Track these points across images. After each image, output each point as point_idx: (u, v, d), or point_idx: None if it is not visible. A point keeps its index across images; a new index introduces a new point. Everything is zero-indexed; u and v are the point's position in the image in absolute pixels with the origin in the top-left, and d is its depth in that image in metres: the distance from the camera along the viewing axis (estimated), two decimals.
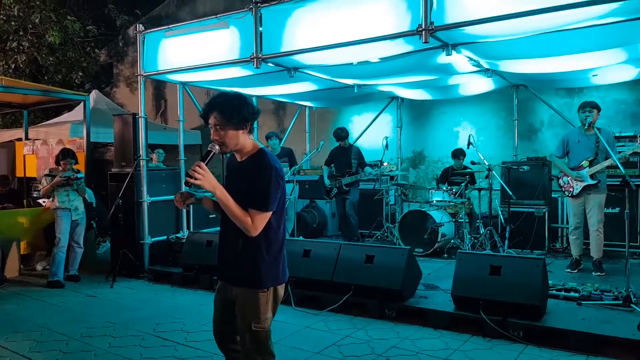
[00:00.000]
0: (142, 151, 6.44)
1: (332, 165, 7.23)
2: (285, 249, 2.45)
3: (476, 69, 5.74)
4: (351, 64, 5.47)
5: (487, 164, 6.29)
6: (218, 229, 2.53)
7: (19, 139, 9.67)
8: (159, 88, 13.08)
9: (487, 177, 6.39)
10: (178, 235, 6.80)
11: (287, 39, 5.00)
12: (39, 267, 6.82)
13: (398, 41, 4.53)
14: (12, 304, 5.28)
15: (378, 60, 5.32)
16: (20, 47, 11.98)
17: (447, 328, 4.14)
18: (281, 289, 2.42)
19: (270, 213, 2.27)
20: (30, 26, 11.99)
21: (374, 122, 9.15)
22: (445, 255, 6.46)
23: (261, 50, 5.12)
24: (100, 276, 6.30)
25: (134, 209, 6.37)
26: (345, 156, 7.08)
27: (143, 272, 6.33)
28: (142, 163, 6.42)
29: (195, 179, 2.15)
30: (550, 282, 4.52)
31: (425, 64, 5.45)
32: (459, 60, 5.31)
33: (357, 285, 4.62)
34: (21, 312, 4.98)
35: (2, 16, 11.80)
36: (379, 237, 7.28)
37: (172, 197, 6.79)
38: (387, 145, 7.52)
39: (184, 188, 2.39)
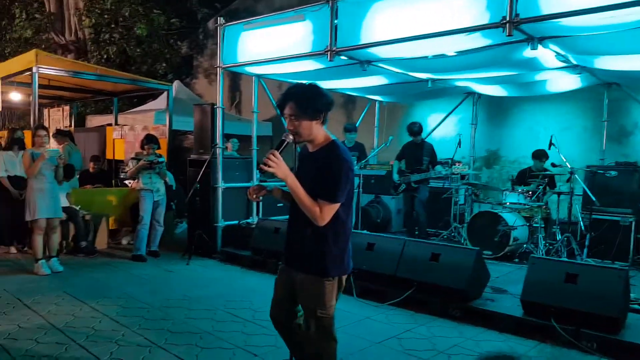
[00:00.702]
0: (219, 140, 6.79)
1: (403, 160, 7.18)
2: (350, 241, 2.51)
3: (563, 64, 5.44)
4: (426, 57, 5.40)
5: (569, 166, 5.99)
6: (286, 217, 2.63)
7: (109, 124, 10.48)
8: (235, 80, 13.56)
9: (568, 180, 6.08)
10: (248, 220, 7.10)
11: (361, 32, 5.02)
12: (124, 241, 7.42)
13: (477, 34, 4.40)
14: (101, 272, 5.80)
15: (454, 54, 5.20)
16: (112, 39, 12.89)
17: (514, 333, 4.03)
18: (344, 279, 2.50)
19: (339, 205, 2.32)
20: (121, 19, 12.86)
21: (447, 119, 8.98)
22: (517, 260, 6.23)
23: (335, 43, 5.18)
24: (177, 253, 6.75)
25: (210, 194, 6.74)
26: (416, 152, 6.97)
27: (215, 252, 6.68)
28: (219, 151, 6.77)
29: (269, 166, 2.22)
30: (632, 295, 4.28)
31: (506, 59, 5.23)
32: (545, 55, 5.04)
33: (421, 282, 4.62)
34: (109, 280, 5.47)
35: (97, 10, 12.76)
36: (445, 236, 7.18)
37: (244, 184, 7.20)
38: (460, 143, 7.37)
39: (255, 178, 2.52)
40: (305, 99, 2.32)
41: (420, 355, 3.60)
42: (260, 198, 2.52)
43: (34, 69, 6.96)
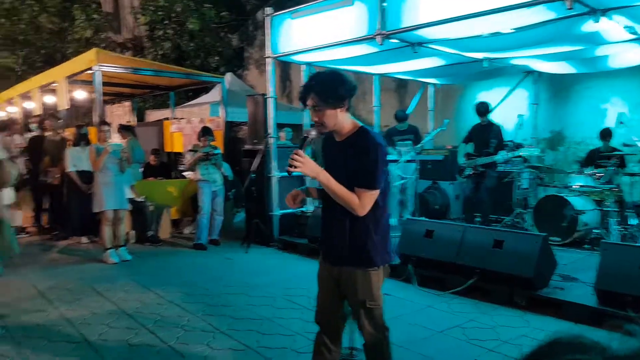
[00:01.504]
0: (272, 129, 6.84)
1: (471, 143, 6.89)
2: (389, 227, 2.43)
3: (632, 36, 5.05)
4: (481, 36, 5.19)
5: None
6: None
7: (167, 118, 10.83)
8: (285, 69, 13.61)
9: None
10: (303, 209, 7.14)
11: (411, 14, 4.87)
12: (186, 231, 7.69)
13: (535, 9, 4.17)
14: (166, 261, 6.05)
15: (512, 30, 4.96)
16: (166, 35, 13.27)
17: (586, 323, 3.80)
18: (388, 266, 2.42)
19: (378, 191, 2.22)
20: (174, 15, 13.21)
21: (506, 99, 8.60)
22: (587, 246, 5.90)
23: (385, 26, 5.06)
24: (236, 242, 6.90)
25: (265, 183, 6.83)
26: (484, 134, 6.63)
27: (273, 241, 6.78)
28: (272, 141, 6.83)
29: (295, 167, 2.15)
30: None
31: (567, 33, 4.94)
32: (610, 27, 4.71)
33: (483, 270, 4.46)
34: (173, 268, 5.69)
35: (151, 7, 13.17)
36: (508, 222, 6.90)
37: (298, 173, 7.15)
38: (521, 125, 7.04)
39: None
40: (325, 88, 2.22)
41: (485, 345, 3.49)
42: (300, 205, 2.49)
43: (95, 67, 7.27)
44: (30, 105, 9.74)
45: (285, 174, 2.34)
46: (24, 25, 14.43)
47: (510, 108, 8.40)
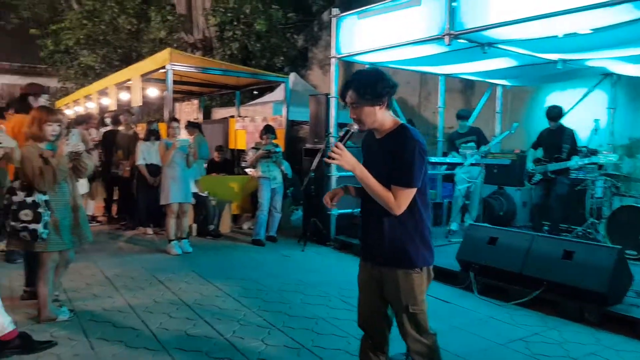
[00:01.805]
0: (333, 129, 6.84)
1: (540, 149, 6.60)
2: (431, 229, 2.34)
3: None
4: (556, 36, 4.92)
5: None
6: None
7: (232, 116, 11.14)
8: (349, 69, 13.56)
9: None
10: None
11: (482, 13, 4.71)
12: (245, 226, 7.86)
13: (619, 8, 3.89)
14: (225, 254, 6.21)
15: (590, 31, 4.67)
16: (234, 36, 13.64)
17: None
18: (432, 270, 2.33)
19: (415, 190, 2.17)
20: (242, 16, 13.55)
21: (580, 102, 8.10)
22: None
23: (454, 26, 4.94)
24: (293, 239, 6.96)
25: (324, 182, 6.84)
26: (554, 139, 6.31)
27: (329, 240, 6.78)
28: (332, 140, 6.82)
29: (333, 158, 2.13)
30: None
31: None
32: None
33: (551, 282, 4.22)
34: (232, 262, 5.83)
35: (221, 9, 13.58)
36: (579, 233, 6.49)
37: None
38: (596, 130, 6.60)
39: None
40: (363, 85, 2.20)
41: None
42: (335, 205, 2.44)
43: (168, 67, 7.59)
44: (106, 101, 10.34)
45: (345, 173, 2.33)
46: (104, 26, 15.34)
47: (584, 112, 7.89)
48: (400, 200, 2.16)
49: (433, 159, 7.28)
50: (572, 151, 6.19)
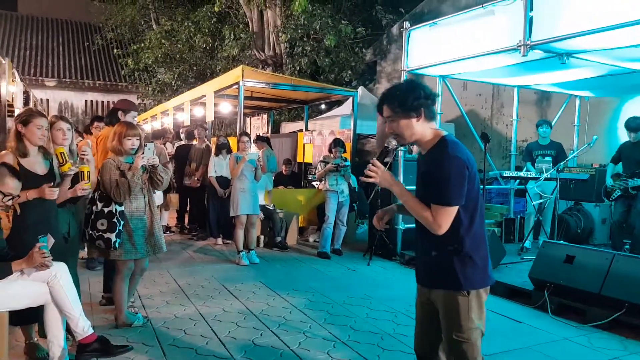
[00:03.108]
0: None
1: (620, 163, 6.20)
2: (487, 249, 2.19)
3: None
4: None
5: None
6: None
7: (300, 130, 11.37)
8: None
9: None
10: None
11: (560, 23, 4.51)
12: (311, 239, 7.96)
13: None
14: (291, 266, 6.31)
15: None
16: (304, 52, 13.95)
17: None
18: (485, 294, 2.16)
19: (455, 208, 2.04)
20: (312, 32, 13.84)
21: None
22: None
23: (530, 36, 4.78)
24: (358, 253, 6.97)
25: (390, 196, 6.79)
26: (636, 153, 5.95)
27: (395, 255, 6.71)
28: (400, 153, 6.77)
29: (370, 177, 2.10)
30: None
31: None
32: None
33: (633, 304, 3.94)
34: (298, 274, 5.91)
35: (292, 26, 13.96)
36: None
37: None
38: None
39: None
40: (394, 98, 2.13)
41: None
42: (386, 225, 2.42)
43: (240, 83, 7.91)
44: (181, 116, 10.91)
45: (412, 187, 2.30)
46: (180, 45, 16.27)
47: None
48: (438, 219, 2.04)
49: (507, 173, 7.04)
50: None
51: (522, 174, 6.69)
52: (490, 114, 11.58)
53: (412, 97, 2.10)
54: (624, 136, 6.43)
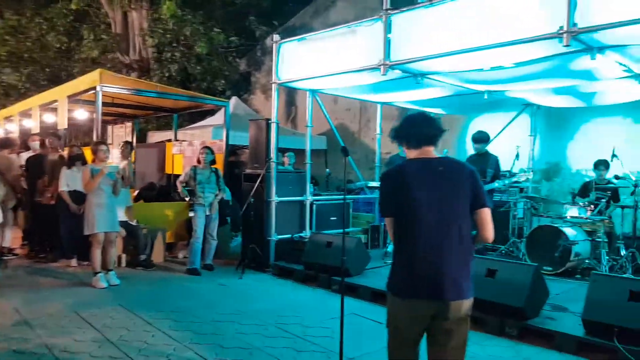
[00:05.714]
0: (273, 154, 6.84)
1: None
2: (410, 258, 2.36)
3: (627, 74, 5.13)
4: (482, 69, 5.24)
5: (633, 179, 5.73)
6: (338, 230, 2.67)
7: (169, 140, 10.85)
8: (291, 95, 13.71)
9: (632, 193, 5.83)
10: (301, 234, 7.07)
11: (415, 46, 4.95)
12: (180, 255, 7.57)
13: (535, 44, 4.23)
14: (157, 286, 5.95)
15: (512, 65, 5.02)
16: (173, 58, 13.43)
17: (574, 353, 3.87)
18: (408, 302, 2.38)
19: (388, 219, 2.43)
20: (182, 38, 13.38)
21: (503, 130, 8.62)
22: (578, 276, 5.89)
23: (389, 56, 5.14)
24: (231, 267, 6.80)
25: (263, 208, 6.78)
26: (480, 164, 6.59)
27: (268, 266, 6.70)
28: (273, 165, 6.81)
29: None
30: None
31: (565, 69, 5.00)
32: (605, 64, 4.76)
33: (475, 299, 4.39)
34: (164, 293, 5.58)
35: (160, 30, 13.36)
36: (503, 251, 6.84)
37: (298, 198, 7.20)
38: (518, 155, 7.03)
39: (308, 192, 2.52)
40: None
41: None
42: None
43: (98, 88, 7.28)
44: (29, 123, 9.78)
45: (285, 198, 2.41)
46: (30, 43, 14.62)
47: (507, 139, 8.41)
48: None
49: (372, 184, 7.50)
50: (495, 175, 6.54)
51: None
52: (359, 127, 12.21)
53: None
54: (470, 150, 7.18)
